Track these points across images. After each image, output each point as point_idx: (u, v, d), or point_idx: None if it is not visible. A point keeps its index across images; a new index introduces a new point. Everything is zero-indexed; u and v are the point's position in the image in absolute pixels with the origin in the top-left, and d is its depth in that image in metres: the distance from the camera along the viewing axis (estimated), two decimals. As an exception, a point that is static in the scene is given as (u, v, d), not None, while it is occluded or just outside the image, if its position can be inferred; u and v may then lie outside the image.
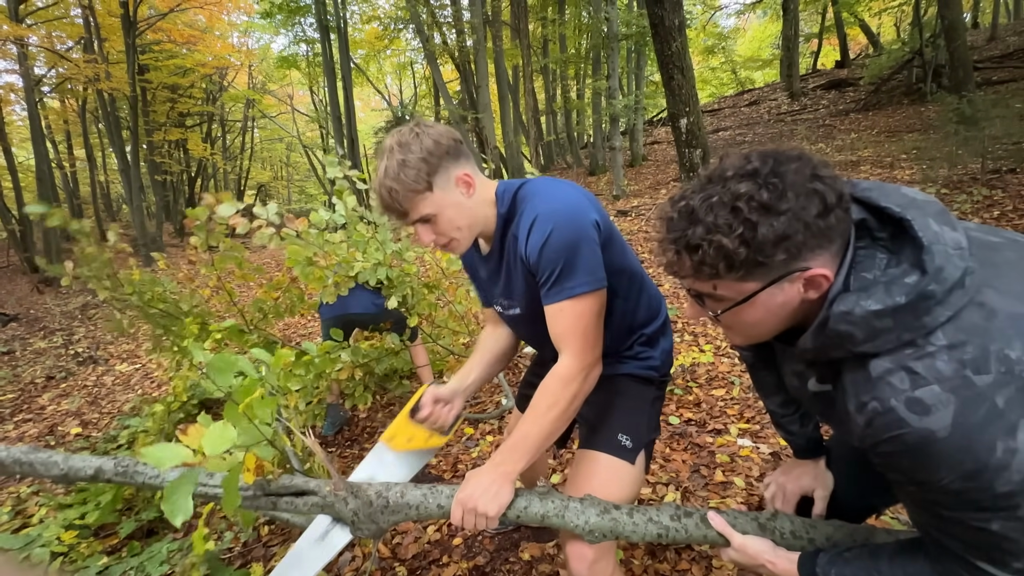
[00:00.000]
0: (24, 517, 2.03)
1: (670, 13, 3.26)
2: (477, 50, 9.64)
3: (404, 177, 0.88)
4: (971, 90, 6.82)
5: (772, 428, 2.28)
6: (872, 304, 0.56)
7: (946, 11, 7.42)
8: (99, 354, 5.47)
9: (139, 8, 11.70)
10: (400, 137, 0.91)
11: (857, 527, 0.86)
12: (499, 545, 1.77)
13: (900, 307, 0.55)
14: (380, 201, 0.93)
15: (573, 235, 0.91)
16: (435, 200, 0.92)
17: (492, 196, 1.01)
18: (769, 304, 0.62)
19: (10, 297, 9.75)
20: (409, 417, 1.10)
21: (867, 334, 0.57)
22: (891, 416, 0.55)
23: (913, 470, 0.57)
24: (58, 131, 18.16)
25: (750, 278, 0.59)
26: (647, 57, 12.63)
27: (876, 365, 0.58)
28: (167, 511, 0.82)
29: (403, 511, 0.95)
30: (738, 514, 0.88)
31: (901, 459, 0.57)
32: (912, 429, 0.54)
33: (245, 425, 0.91)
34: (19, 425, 3.73)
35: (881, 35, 17.89)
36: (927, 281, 0.55)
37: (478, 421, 2.67)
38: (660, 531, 0.88)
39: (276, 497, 0.98)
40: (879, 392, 0.57)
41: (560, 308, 0.93)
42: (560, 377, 0.94)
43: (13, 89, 13.54)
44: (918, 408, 0.54)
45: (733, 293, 0.62)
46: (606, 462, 1.05)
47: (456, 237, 0.97)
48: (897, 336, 0.56)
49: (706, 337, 3.29)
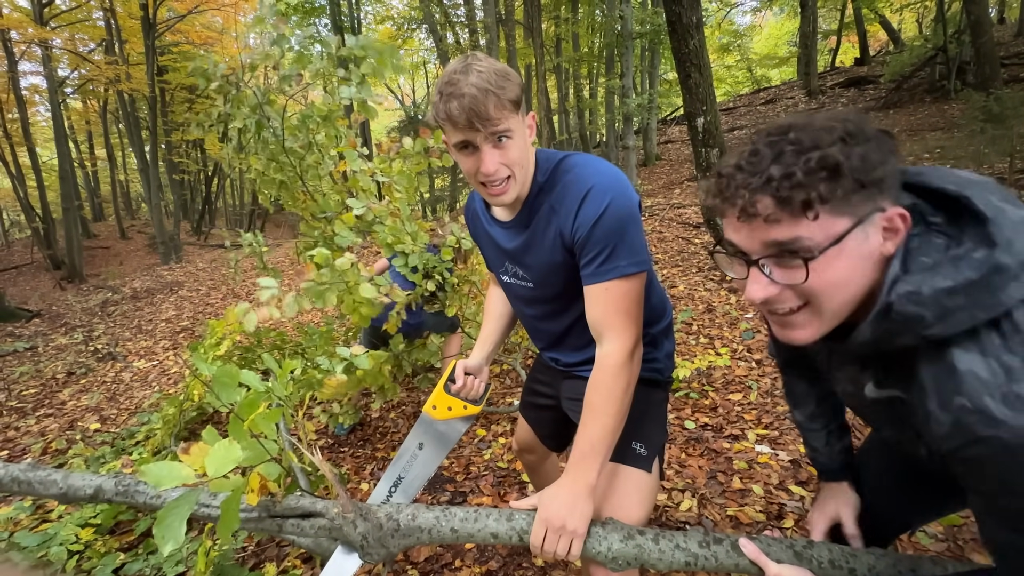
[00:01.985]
0: (44, 512, 2.06)
1: (688, 10, 3.21)
2: (490, 49, 9.62)
3: (504, 85, 0.83)
4: (998, 87, 6.63)
5: (791, 435, 2.22)
6: (942, 281, 0.52)
7: (972, 6, 7.22)
8: (118, 350, 5.56)
9: (159, 10, 11.90)
10: (489, 59, 0.86)
11: (901, 556, 0.80)
12: (512, 550, 1.75)
13: (972, 283, 0.50)
14: (463, 104, 0.81)
15: (628, 210, 0.88)
16: (517, 122, 0.87)
17: (534, 160, 0.96)
18: (856, 255, 0.55)
19: (33, 293, 9.99)
20: (444, 391, 1.17)
21: (937, 314, 0.52)
22: (985, 414, 0.50)
23: (1007, 475, 0.51)
24: (80, 131, 18.60)
25: (845, 209, 0.53)
26: (661, 55, 12.51)
27: (961, 357, 0.52)
28: (157, 536, 0.77)
29: (415, 535, 0.90)
30: (772, 540, 0.82)
31: (994, 463, 0.51)
32: (1010, 427, 0.48)
33: (250, 442, 0.86)
34: (40, 420, 3.81)
35: (902, 31, 17.49)
36: (999, 253, 0.50)
37: (490, 423, 2.66)
38: (688, 559, 0.82)
39: (282, 519, 0.93)
40: (969, 387, 0.51)
41: (607, 288, 0.89)
42: (609, 367, 0.89)
43: (37, 90, 13.92)
44: (1018, 404, 0.48)
45: (822, 235, 0.54)
46: (623, 473, 1.02)
47: (515, 174, 0.90)
48: (971, 315, 0.51)
49: (722, 340, 3.24)
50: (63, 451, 2.96)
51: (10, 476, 1.19)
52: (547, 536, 0.83)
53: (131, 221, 19.38)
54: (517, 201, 0.98)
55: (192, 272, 10.54)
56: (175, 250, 12.63)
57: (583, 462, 0.87)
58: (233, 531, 0.82)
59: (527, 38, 10.91)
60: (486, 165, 0.87)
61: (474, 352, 1.23)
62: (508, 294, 1.18)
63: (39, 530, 1.83)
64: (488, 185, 0.90)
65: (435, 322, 2.49)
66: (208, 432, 0.87)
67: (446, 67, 0.88)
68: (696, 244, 5.49)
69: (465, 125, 0.83)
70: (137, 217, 20.87)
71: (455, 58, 0.88)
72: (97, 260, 13.46)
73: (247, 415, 0.86)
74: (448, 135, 0.89)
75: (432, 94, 0.89)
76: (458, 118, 0.83)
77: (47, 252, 11.29)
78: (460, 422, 1.18)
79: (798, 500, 1.83)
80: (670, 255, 5.33)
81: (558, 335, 1.14)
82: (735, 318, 3.52)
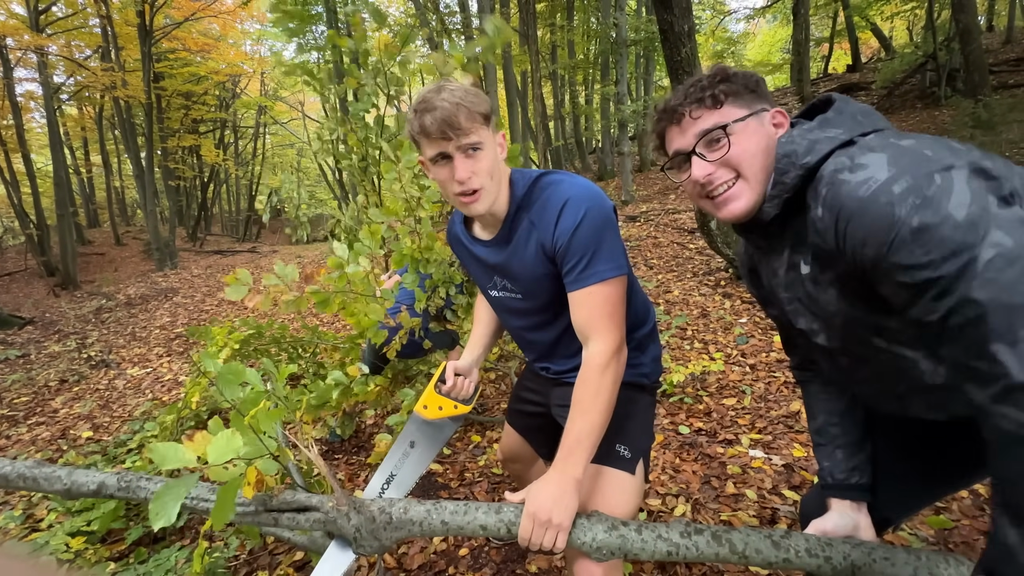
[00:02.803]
0: (34, 521, 2.04)
1: (679, 19, 3.24)
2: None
3: (475, 100, 0.90)
4: (987, 94, 6.72)
5: (784, 439, 2.23)
6: (804, 126, 0.74)
7: (961, 14, 7.32)
8: (111, 358, 5.53)
9: (155, 17, 11.93)
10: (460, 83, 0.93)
11: (875, 546, 0.82)
12: (506, 556, 1.74)
13: (826, 119, 0.72)
14: (435, 116, 0.88)
15: (604, 219, 0.94)
16: (487, 136, 0.93)
17: (508, 179, 1.02)
18: (759, 134, 0.76)
19: (27, 300, 9.92)
20: (435, 390, 1.20)
21: (806, 147, 0.71)
22: (840, 185, 0.63)
23: (875, 229, 0.59)
24: (75, 138, 18.53)
25: (742, 103, 0.77)
26: (655, 62, 12.61)
27: (825, 167, 0.68)
28: (151, 512, 0.80)
29: (406, 527, 0.93)
30: (751, 531, 0.86)
31: (863, 224, 0.61)
32: (857, 182, 0.61)
33: (250, 437, 0.90)
34: (32, 428, 3.78)
35: (893, 39, 17.70)
36: (840, 105, 0.74)
37: (485, 429, 2.65)
38: (670, 548, 0.85)
39: (278, 513, 0.96)
40: (828, 178, 0.66)
41: (590, 292, 0.94)
42: (596, 365, 0.93)
43: (33, 97, 13.85)
44: (858, 168, 0.62)
45: (732, 119, 0.76)
46: (607, 475, 1.04)
47: (486, 186, 0.95)
48: (831, 140, 0.69)
49: (716, 345, 3.25)
50: (53, 461, 2.93)
51: (16, 473, 1.23)
52: (534, 529, 0.86)
53: (126, 227, 19.29)
54: (496, 219, 1.03)
55: (187, 279, 10.51)
56: (170, 256, 12.58)
57: (570, 457, 0.90)
58: (227, 521, 0.85)
59: (523, 45, 10.98)
60: (459, 172, 0.92)
61: (465, 354, 1.27)
62: (498, 308, 1.21)
63: (29, 539, 1.82)
64: (462, 195, 0.95)
65: (436, 338, 2.47)
66: (214, 422, 0.91)
67: (419, 91, 0.95)
68: (691, 249, 5.52)
69: (438, 136, 0.90)
70: (132, 223, 20.75)
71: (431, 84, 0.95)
72: (92, 267, 13.38)
73: (248, 411, 0.89)
74: (424, 150, 0.95)
75: (408, 114, 0.95)
76: (431, 129, 0.89)
77: (41, 259, 11.20)
78: (451, 421, 1.22)
79: (791, 504, 1.83)
80: (665, 260, 5.35)
81: (549, 344, 1.17)
82: (729, 323, 3.54)
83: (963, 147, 0.61)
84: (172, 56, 14.66)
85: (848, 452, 0.91)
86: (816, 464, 0.98)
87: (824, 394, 0.94)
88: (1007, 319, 0.50)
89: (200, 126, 18.71)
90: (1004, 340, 0.51)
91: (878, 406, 0.85)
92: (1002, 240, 0.52)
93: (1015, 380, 0.50)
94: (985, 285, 0.52)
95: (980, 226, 0.53)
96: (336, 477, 2.24)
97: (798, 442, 2.18)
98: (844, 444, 0.91)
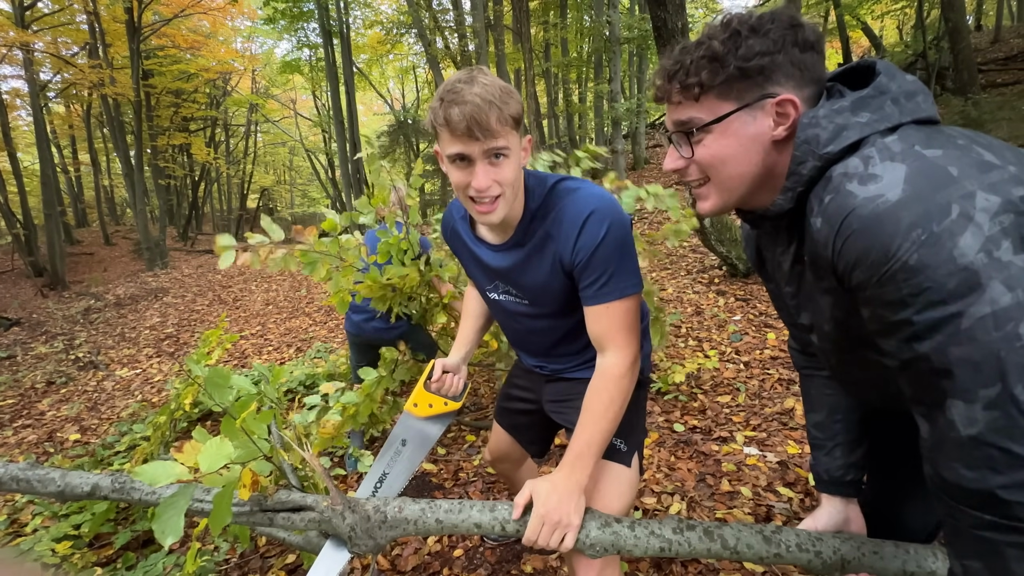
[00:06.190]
0: (18, 526, 2.00)
1: (673, 16, 3.23)
2: (479, 54, 9.65)
3: (508, 100, 0.83)
4: (976, 93, 6.79)
5: (779, 436, 2.24)
6: (834, 104, 0.61)
7: (950, 13, 7.38)
8: (100, 359, 5.45)
9: (144, 14, 11.77)
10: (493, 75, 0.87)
11: (864, 539, 0.83)
12: (500, 557, 1.73)
13: (860, 98, 0.60)
14: (464, 111, 0.80)
15: (624, 234, 0.93)
16: (515, 141, 0.87)
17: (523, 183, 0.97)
18: (742, 135, 0.64)
19: (13, 301, 9.77)
20: (424, 388, 1.20)
21: (831, 133, 0.59)
22: (846, 197, 0.55)
23: (869, 256, 0.53)
24: (63, 136, 18.29)
25: (729, 94, 0.63)
26: (649, 60, 12.63)
27: (836, 168, 0.58)
28: (156, 530, 0.79)
29: (401, 526, 0.93)
30: (742, 527, 0.85)
31: (858, 247, 0.54)
32: (865, 199, 0.53)
33: (242, 440, 0.89)
34: (18, 431, 3.71)
35: (884, 38, 17.83)
36: (883, 81, 0.60)
37: (479, 429, 2.64)
38: (663, 544, 0.86)
39: (273, 513, 0.95)
40: (835, 182, 0.57)
41: (609, 307, 0.93)
42: (612, 376, 0.94)
43: (19, 94, 13.65)
44: (870, 179, 0.54)
45: (709, 116, 0.65)
46: (604, 467, 1.05)
47: (506, 194, 0.89)
48: (861, 127, 0.58)
49: (711, 343, 3.25)
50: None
51: (10, 475, 1.22)
52: (543, 530, 0.86)
53: (116, 227, 19.07)
54: (507, 224, 0.98)
55: (178, 278, 10.40)
56: (160, 256, 12.44)
57: (578, 461, 0.91)
58: (225, 524, 0.85)
59: (516, 43, 10.95)
60: (479, 180, 0.85)
61: (452, 351, 1.26)
62: (496, 309, 1.18)
63: (13, 544, 1.78)
64: (477, 201, 0.89)
65: (413, 337, 2.40)
66: (199, 432, 0.90)
67: (449, 77, 0.89)
68: (685, 247, 5.53)
69: (464, 133, 0.82)
70: (122, 223, 20.52)
71: (459, 70, 0.89)
72: (80, 267, 13.21)
73: (239, 414, 0.89)
74: (443, 144, 0.87)
75: (432, 100, 0.87)
76: (457, 124, 0.81)
77: (28, 259, 11.02)
78: (441, 418, 1.21)
79: (786, 502, 1.83)
80: (659, 258, 5.36)
81: (549, 346, 1.15)
82: (723, 321, 3.54)
83: (1002, 160, 0.52)
84: (161, 53, 14.47)
85: (846, 449, 0.90)
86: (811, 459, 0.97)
87: (829, 388, 0.92)
88: (972, 378, 0.49)
89: (190, 124, 18.50)
90: (962, 397, 0.50)
91: (870, 403, 0.85)
92: (999, 297, 0.47)
93: (961, 435, 0.51)
94: (963, 343, 0.49)
95: (981, 276, 0.48)
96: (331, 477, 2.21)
97: (792, 439, 2.19)
98: (844, 441, 0.90)
